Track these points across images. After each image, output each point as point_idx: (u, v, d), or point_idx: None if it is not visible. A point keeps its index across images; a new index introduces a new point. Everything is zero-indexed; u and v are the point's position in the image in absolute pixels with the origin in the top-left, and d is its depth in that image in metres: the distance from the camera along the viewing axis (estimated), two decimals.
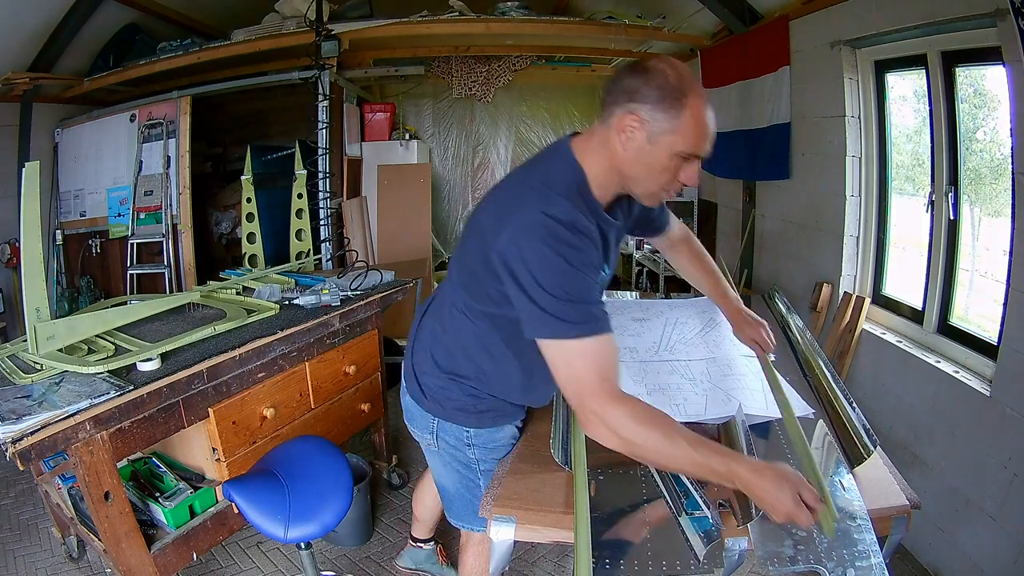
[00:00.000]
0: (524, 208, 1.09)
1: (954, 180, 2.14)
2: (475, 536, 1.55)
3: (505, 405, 1.40)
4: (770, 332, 1.45)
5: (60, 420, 1.41)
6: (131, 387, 1.55)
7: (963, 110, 2.09)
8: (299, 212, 3.70)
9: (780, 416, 1.48)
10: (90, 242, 4.00)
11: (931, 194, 2.24)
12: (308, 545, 1.48)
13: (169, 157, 3.74)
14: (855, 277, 2.68)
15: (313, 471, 1.52)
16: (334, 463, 1.55)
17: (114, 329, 1.86)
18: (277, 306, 2.17)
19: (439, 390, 1.39)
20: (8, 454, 1.33)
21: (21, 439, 1.35)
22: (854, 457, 1.35)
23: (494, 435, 1.42)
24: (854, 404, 1.52)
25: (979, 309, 2.15)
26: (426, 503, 1.93)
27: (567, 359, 1.06)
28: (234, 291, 2.38)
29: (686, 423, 1.48)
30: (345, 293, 2.29)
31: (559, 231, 1.05)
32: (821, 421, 1.48)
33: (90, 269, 4.06)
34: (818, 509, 0.98)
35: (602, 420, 1.04)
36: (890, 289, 2.58)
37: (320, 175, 3.38)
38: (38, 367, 1.64)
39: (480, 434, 1.40)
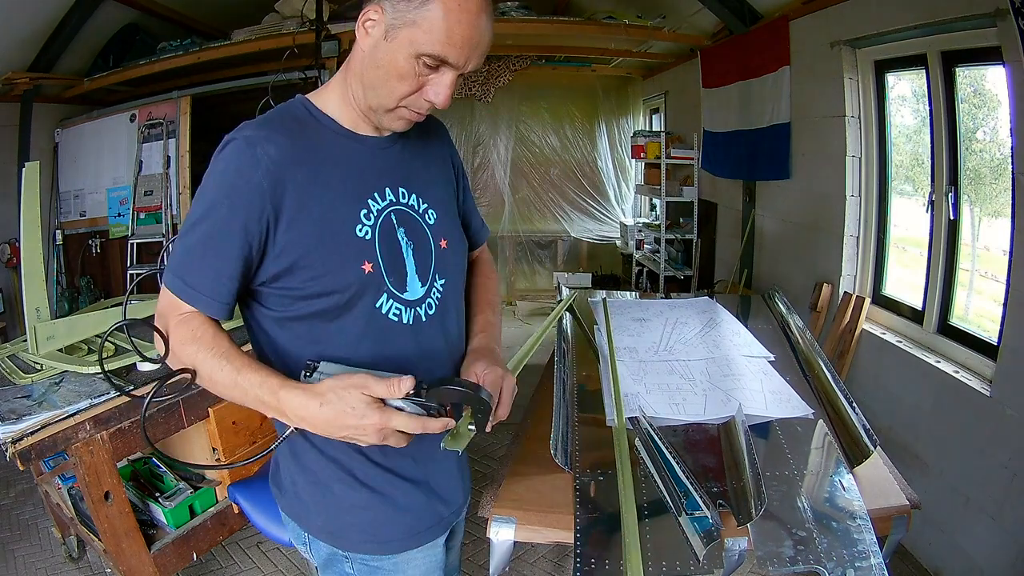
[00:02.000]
0: None
1: (954, 180, 2.14)
2: None
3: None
4: (499, 403, 0.93)
5: (60, 420, 1.41)
6: (131, 387, 1.55)
7: (963, 110, 2.09)
8: None
9: (779, 416, 1.48)
10: (90, 242, 4.00)
11: (931, 194, 2.23)
12: None
13: (169, 157, 3.75)
14: (855, 277, 2.68)
15: None
16: None
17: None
18: None
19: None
20: (8, 454, 1.33)
21: (21, 439, 1.35)
22: (854, 457, 1.35)
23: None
24: (854, 404, 1.52)
25: (979, 309, 2.15)
26: None
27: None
28: None
29: (686, 423, 1.49)
30: None
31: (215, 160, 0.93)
32: (821, 421, 1.48)
33: (90, 269, 4.06)
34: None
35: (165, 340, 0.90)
36: (890, 289, 2.58)
37: None
38: (38, 367, 1.64)
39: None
